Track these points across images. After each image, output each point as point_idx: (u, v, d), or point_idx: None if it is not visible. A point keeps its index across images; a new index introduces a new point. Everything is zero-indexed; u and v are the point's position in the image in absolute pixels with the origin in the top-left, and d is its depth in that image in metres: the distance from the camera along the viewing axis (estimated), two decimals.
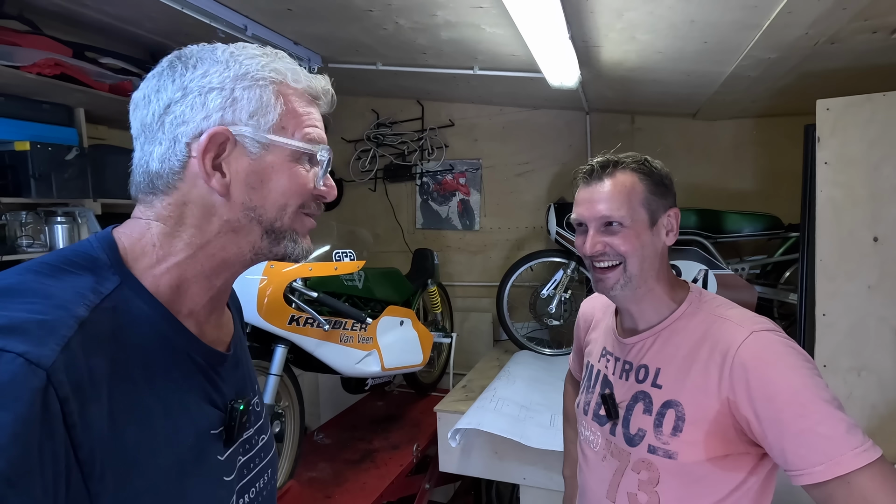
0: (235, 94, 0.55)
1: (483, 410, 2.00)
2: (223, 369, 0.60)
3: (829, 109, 1.61)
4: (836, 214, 1.61)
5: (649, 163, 0.96)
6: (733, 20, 1.44)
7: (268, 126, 0.56)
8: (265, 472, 0.68)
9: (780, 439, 0.76)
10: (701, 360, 0.86)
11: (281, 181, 0.57)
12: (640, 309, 0.98)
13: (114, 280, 0.50)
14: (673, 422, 0.87)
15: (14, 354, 0.39)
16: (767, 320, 0.87)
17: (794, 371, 0.78)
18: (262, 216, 0.57)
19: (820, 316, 1.64)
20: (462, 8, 1.62)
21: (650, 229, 0.93)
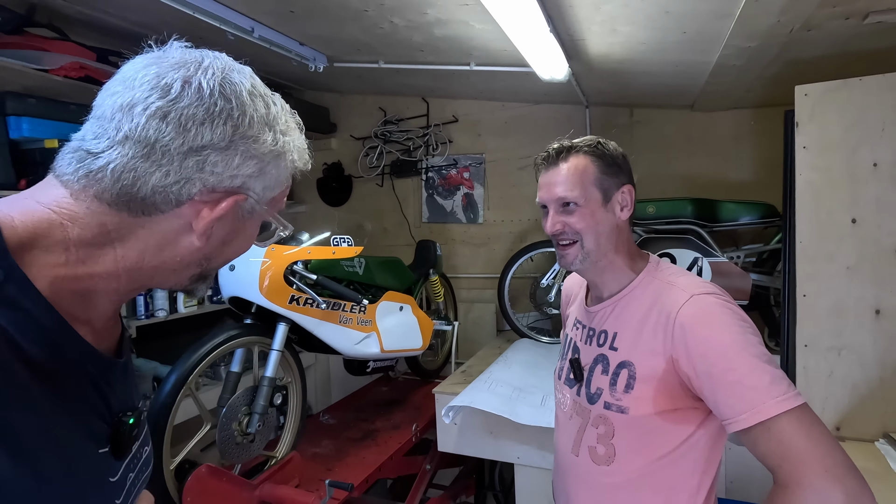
0: (266, 169, 0.54)
1: (476, 390, 2.09)
2: (113, 378, 0.54)
3: (808, 95, 1.66)
4: (816, 197, 1.65)
5: (602, 145, 1.05)
6: (706, 10, 1.50)
7: (270, 198, 0.57)
8: (142, 488, 0.62)
9: (713, 392, 0.84)
10: (650, 324, 0.95)
11: (242, 242, 0.57)
12: (603, 280, 1.06)
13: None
14: (626, 380, 0.96)
15: None
16: (711, 285, 0.95)
17: (727, 329, 0.85)
18: (209, 263, 0.56)
19: (801, 297, 1.68)
20: (450, 5, 1.71)
21: (604, 207, 1.02)
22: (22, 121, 2.06)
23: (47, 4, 2.11)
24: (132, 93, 0.49)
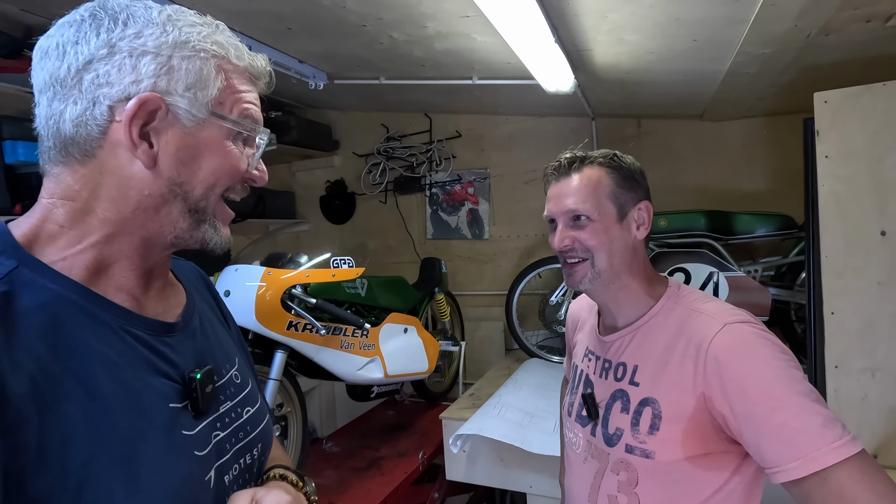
0: (173, 63, 0.51)
1: (485, 416, 1.99)
2: (173, 340, 0.57)
3: (828, 102, 1.58)
4: (841, 209, 1.56)
5: (618, 157, 0.97)
6: (718, 16, 1.43)
7: (206, 100, 0.53)
8: (253, 447, 0.64)
9: (755, 435, 0.74)
10: (676, 356, 0.85)
11: (213, 159, 0.54)
12: (617, 306, 0.97)
13: (7, 265, 0.47)
14: (650, 420, 0.86)
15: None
16: (744, 312, 0.86)
17: (768, 363, 0.76)
18: (188, 193, 0.53)
19: (828, 315, 1.58)
20: (450, 18, 1.66)
21: (619, 223, 0.93)
22: (18, 145, 2.03)
23: (44, 28, 2.08)
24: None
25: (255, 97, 0.59)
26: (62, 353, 0.46)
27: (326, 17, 1.75)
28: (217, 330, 0.68)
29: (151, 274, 0.57)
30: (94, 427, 0.46)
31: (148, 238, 0.54)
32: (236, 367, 0.67)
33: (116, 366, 0.50)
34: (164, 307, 0.59)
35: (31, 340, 0.45)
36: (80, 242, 0.51)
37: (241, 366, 0.69)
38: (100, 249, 0.52)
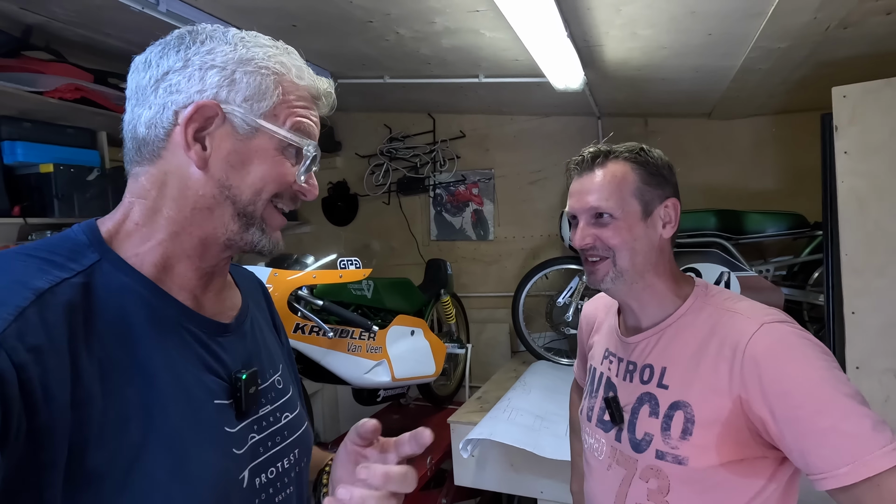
0: (235, 77, 0.56)
1: (495, 420, 1.95)
2: (225, 340, 0.61)
3: (846, 97, 1.55)
4: (861, 206, 1.53)
5: (645, 152, 0.93)
6: (735, 9, 1.40)
7: (260, 112, 0.56)
8: (289, 452, 0.66)
9: (799, 440, 0.70)
10: (709, 357, 0.81)
11: (262, 167, 0.57)
12: (641, 305, 0.93)
13: (91, 257, 0.52)
14: (682, 424, 0.81)
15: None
16: (779, 311, 0.82)
17: (811, 364, 0.72)
18: (236, 196, 0.56)
19: (849, 314, 1.55)
20: (459, 13, 1.63)
21: (643, 221, 0.89)
22: (16, 145, 1.99)
23: (44, 27, 2.05)
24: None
25: (311, 114, 0.61)
26: (128, 342, 0.51)
27: (332, 12, 1.71)
28: (266, 336, 0.71)
29: (212, 276, 0.61)
30: (148, 413, 0.50)
31: (205, 238, 0.57)
32: (279, 373, 0.69)
33: (172, 359, 0.54)
34: (220, 308, 0.63)
35: (103, 328, 0.49)
36: (151, 240, 0.56)
37: (285, 372, 0.72)
38: (165, 247, 0.56)
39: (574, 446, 1.26)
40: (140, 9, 1.63)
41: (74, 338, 0.47)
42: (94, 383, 0.47)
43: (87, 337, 0.48)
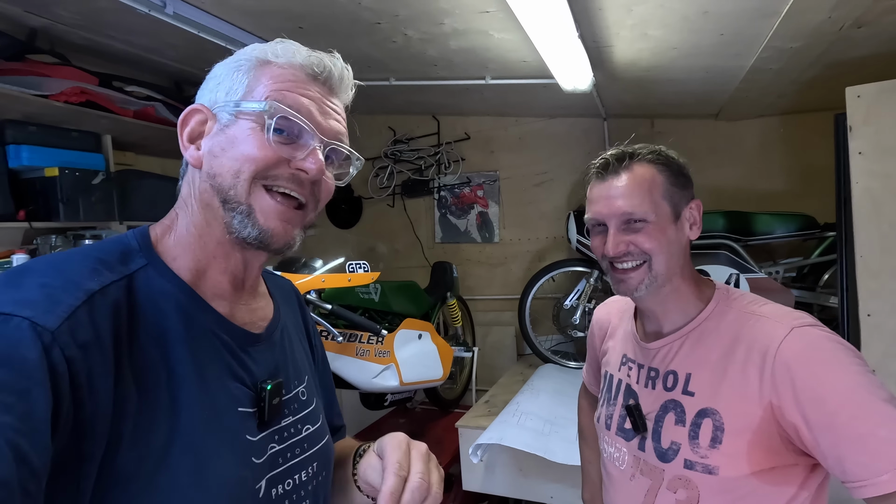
0: (221, 78, 0.58)
1: (505, 425, 1.93)
2: (254, 350, 0.61)
3: (861, 96, 1.53)
4: (876, 207, 1.51)
5: (665, 153, 0.91)
6: (749, 8, 1.38)
7: (235, 97, 0.56)
8: (308, 465, 0.65)
9: (835, 446, 0.68)
10: (737, 363, 0.79)
11: (238, 147, 0.55)
12: (664, 310, 0.90)
13: (139, 262, 0.54)
14: (711, 432, 0.79)
15: (21, 318, 0.43)
16: (806, 314, 0.79)
17: (845, 369, 0.70)
18: (219, 184, 0.55)
19: (864, 317, 1.53)
20: (468, 14, 1.61)
21: (674, 224, 0.87)
22: (21, 149, 1.97)
23: (49, 30, 2.04)
24: None
25: (302, 89, 0.58)
26: (163, 345, 0.52)
27: (340, 14, 1.70)
28: (295, 346, 0.70)
29: (243, 283, 0.62)
30: (175, 416, 0.51)
31: (217, 236, 0.57)
32: (304, 385, 0.69)
33: (202, 365, 0.55)
34: (252, 318, 0.64)
35: (142, 330, 0.51)
36: (185, 246, 0.57)
37: (310, 384, 0.71)
38: (196, 252, 0.57)
39: (584, 454, 1.23)
40: (147, 11, 1.62)
41: (118, 338, 0.49)
42: (131, 383, 0.48)
43: (128, 338, 0.50)
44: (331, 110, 0.59)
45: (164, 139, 2.47)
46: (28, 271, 0.49)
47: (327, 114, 0.59)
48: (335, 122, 0.59)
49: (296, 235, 0.59)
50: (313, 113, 0.57)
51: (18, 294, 0.45)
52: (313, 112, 0.57)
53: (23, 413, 0.40)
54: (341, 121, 0.61)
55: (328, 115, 0.59)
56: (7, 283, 0.47)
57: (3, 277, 0.48)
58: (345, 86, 0.61)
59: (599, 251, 0.89)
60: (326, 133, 0.58)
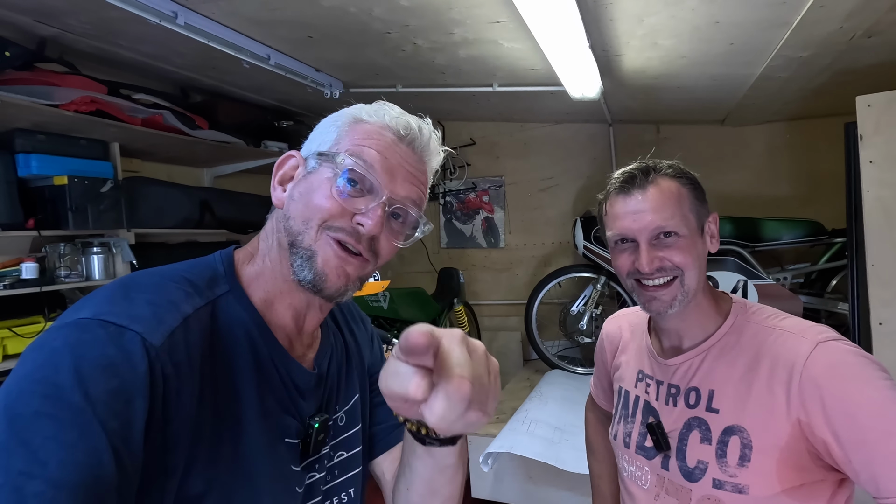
0: (319, 131, 0.61)
1: (515, 433, 1.93)
2: (304, 386, 0.62)
3: (871, 105, 1.53)
4: (887, 215, 1.51)
5: (683, 167, 0.91)
6: (760, 19, 1.39)
7: (324, 147, 0.59)
8: (341, 491, 0.67)
9: (868, 463, 0.68)
10: (762, 379, 0.78)
11: (312, 195, 0.57)
12: (687, 326, 0.88)
13: (223, 288, 0.57)
14: (739, 450, 0.78)
15: (134, 332, 0.46)
16: (828, 329, 0.79)
17: (874, 384, 0.69)
18: (290, 227, 0.57)
19: (876, 325, 1.53)
20: (479, 24, 1.62)
21: (701, 238, 0.87)
22: (31, 158, 1.98)
23: (58, 39, 2.05)
24: None
25: (379, 145, 0.58)
26: (232, 372, 0.54)
27: (350, 24, 1.71)
28: (342, 371, 0.71)
29: (304, 319, 0.63)
30: (239, 444, 0.53)
31: (284, 273, 0.59)
32: (347, 408, 0.70)
33: (263, 396, 0.57)
34: (305, 352, 0.65)
35: (218, 356, 0.54)
36: (261, 276, 0.60)
37: (354, 408, 0.71)
38: (268, 284, 0.60)
39: (594, 468, 1.20)
40: (158, 21, 1.63)
41: (203, 361, 0.51)
42: (208, 406, 0.51)
43: (210, 361, 0.52)
44: (407, 171, 0.59)
45: (171, 146, 2.48)
46: (135, 286, 0.52)
47: (402, 174, 0.58)
48: (408, 184, 0.59)
49: (350, 285, 0.58)
50: (386, 171, 0.57)
51: (131, 309, 0.48)
52: (386, 170, 0.57)
53: (125, 421, 0.43)
54: (417, 184, 0.60)
55: (403, 175, 0.58)
56: (119, 295, 0.50)
57: (114, 289, 0.51)
58: (431, 150, 0.62)
59: (626, 269, 0.87)
60: (396, 192, 0.57)
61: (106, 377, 0.43)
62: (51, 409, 0.41)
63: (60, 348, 0.44)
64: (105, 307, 0.48)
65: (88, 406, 0.42)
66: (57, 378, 0.42)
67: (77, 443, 0.40)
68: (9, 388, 0.43)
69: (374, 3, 1.53)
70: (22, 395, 0.42)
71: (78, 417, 0.41)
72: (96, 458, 0.41)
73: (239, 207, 2.72)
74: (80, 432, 0.41)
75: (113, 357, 0.44)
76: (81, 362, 0.43)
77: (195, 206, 2.56)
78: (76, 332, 0.45)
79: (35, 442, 0.40)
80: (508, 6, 1.34)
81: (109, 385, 0.43)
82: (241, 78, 2.37)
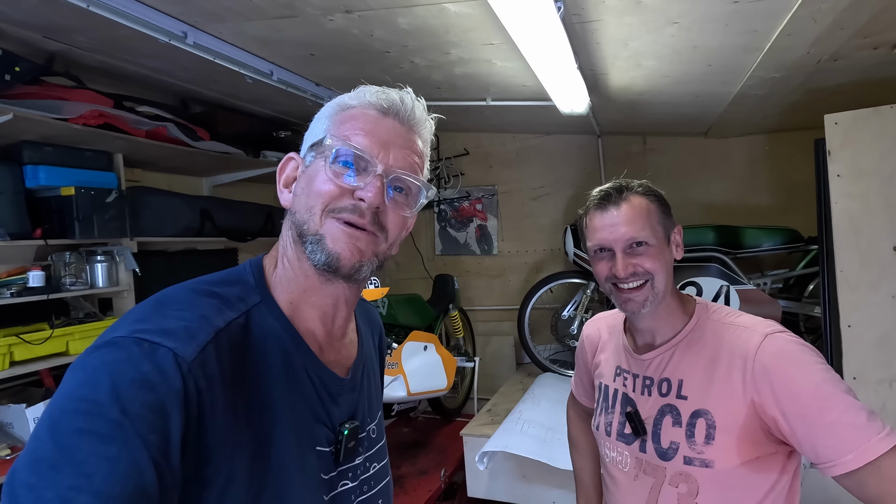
0: (311, 127, 0.63)
1: (509, 433, 2.01)
2: (336, 392, 0.63)
3: (838, 123, 1.65)
4: (854, 226, 1.63)
5: (651, 186, 1.03)
6: (735, 44, 1.50)
7: (314, 140, 0.61)
8: (374, 501, 0.68)
9: (809, 434, 0.79)
10: (722, 367, 0.90)
11: (312, 184, 0.59)
12: (658, 325, 1.01)
13: (255, 299, 0.58)
14: (705, 430, 0.90)
15: (167, 348, 0.48)
16: (774, 322, 0.92)
17: (812, 368, 0.82)
18: (297, 220, 0.59)
19: (845, 328, 1.64)
20: (474, 46, 1.72)
21: (668, 246, 0.98)
22: (39, 169, 2.03)
23: (65, 54, 2.11)
24: None
25: (373, 125, 0.60)
26: (264, 382, 0.55)
27: (352, 44, 1.79)
28: (371, 382, 0.72)
29: (333, 322, 0.64)
30: (270, 454, 0.54)
31: (304, 269, 0.60)
32: (376, 422, 0.71)
33: (294, 404, 0.57)
34: (338, 357, 0.66)
35: (250, 367, 0.54)
36: (284, 279, 0.61)
37: (381, 420, 0.74)
38: (291, 286, 0.60)
39: (576, 462, 1.30)
40: (167, 41, 1.70)
41: (234, 373, 0.52)
42: (242, 416, 0.52)
43: (242, 373, 0.53)
44: (397, 142, 0.60)
45: (173, 156, 2.54)
46: (168, 302, 0.53)
47: (394, 146, 0.59)
48: (402, 154, 0.60)
49: (365, 261, 0.58)
50: (376, 145, 0.58)
51: (164, 325, 0.50)
52: (376, 144, 0.58)
53: (163, 434, 0.45)
54: (410, 153, 0.61)
55: (395, 146, 0.59)
56: (152, 312, 0.52)
57: (148, 306, 0.53)
58: (417, 118, 0.63)
59: (604, 274, 0.99)
60: (389, 163, 0.58)
61: (142, 393, 0.45)
62: (92, 425, 0.43)
63: (98, 367, 0.46)
64: (139, 325, 0.49)
65: (127, 421, 0.43)
66: (96, 395, 0.44)
67: (119, 456, 0.42)
68: (52, 408, 0.45)
69: (375, 25, 1.62)
70: (64, 413, 0.44)
71: (118, 432, 0.43)
72: (137, 470, 0.42)
73: (238, 216, 2.78)
74: (121, 446, 0.42)
75: (147, 373, 0.46)
76: (118, 379, 0.45)
77: (196, 215, 2.62)
78: (112, 351, 0.47)
79: (79, 457, 0.41)
80: (502, 30, 1.43)
81: (146, 400, 0.45)
82: (242, 90, 2.44)
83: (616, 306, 1.02)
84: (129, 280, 2.26)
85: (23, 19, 1.71)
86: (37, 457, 0.42)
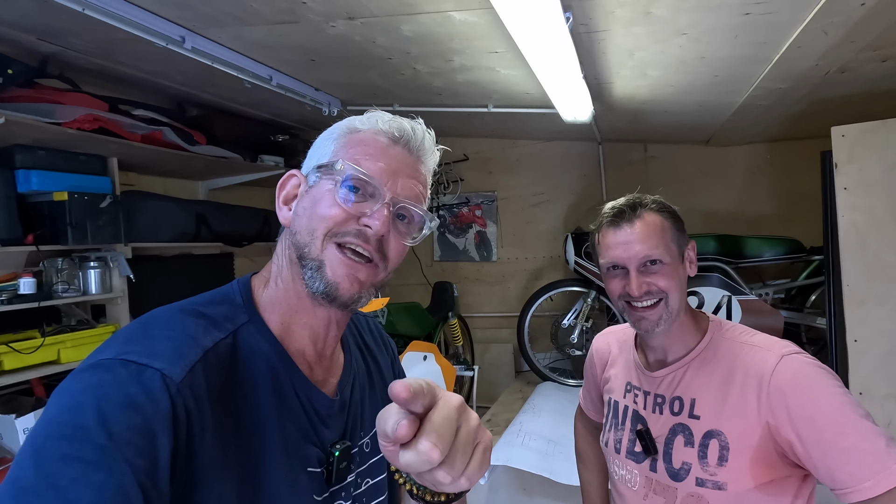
0: (316, 147, 0.63)
1: (510, 446, 1.98)
2: (326, 413, 0.61)
3: (845, 136, 1.63)
4: (860, 239, 1.61)
5: (664, 202, 1.00)
6: (743, 55, 1.48)
7: (323, 161, 0.60)
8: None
9: (825, 459, 0.77)
10: (736, 388, 0.87)
11: (317, 206, 0.58)
12: (672, 342, 0.98)
13: (242, 318, 0.57)
14: (718, 451, 0.87)
15: (155, 370, 0.47)
16: (791, 343, 0.89)
17: (829, 391, 0.79)
18: (297, 242, 0.58)
19: (851, 342, 1.62)
20: (478, 53, 1.69)
21: (682, 264, 0.96)
22: (31, 174, 1.98)
23: (59, 56, 2.07)
24: None
25: (383, 151, 0.59)
26: (252, 402, 0.54)
27: (353, 50, 1.76)
28: (364, 396, 0.70)
29: (324, 342, 0.62)
30: (260, 476, 0.53)
31: (298, 291, 0.59)
32: (369, 436, 0.69)
33: (283, 425, 0.56)
34: (326, 375, 0.64)
35: (237, 387, 0.53)
36: (276, 300, 0.60)
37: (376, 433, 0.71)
38: (283, 306, 0.59)
39: (583, 476, 1.28)
40: (165, 45, 1.67)
41: (223, 394, 0.51)
42: (231, 438, 0.51)
43: (229, 394, 0.52)
44: (406, 171, 0.60)
45: (168, 161, 2.50)
46: (155, 323, 0.53)
47: (402, 175, 0.59)
48: (409, 183, 0.60)
49: (364, 291, 0.58)
50: (385, 173, 0.58)
51: (151, 346, 0.49)
52: (385, 172, 0.58)
53: (150, 458, 0.43)
54: (417, 182, 0.61)
55: (402, 176, 0.59)
56: (139, 333, 0.51)
57: (135, 327, 0.52)
58: (426, 149, 0.63)
59: (617, 292, 0.96)
60: (397, 192, 0.58)
61: (129, 415, 0.44)
62: (77, 450, 0.41)
63: (83, 390, 0.45)
64: (125, 346, 0.48)
65: (113, 445, 0.42)
66: (81, 420, 0.43)
67: (105, 483, 0.41)
68: (35, 433, 0.43)
69: (378, 32, 1.59)
70: (48, 438, 0.42)
71: (104, 458, 0.42)
72: (124, 496, 0.41)
73: (234, 220, 2.74)
74: (107, 472, 0.41)
75: (134, 395, 0.45)
76: (104, 402, 0.44)
77: (191, 220, 2.58)
78: (98, 374, 0.46)
79: (62, 484, 0.40)
80: (507, 39, 1.41)
81: (132, 423, 0.43)
82: (240, 94, 2.41)
83: (629, 323, 1.00)
84: (123, 286, 2.21)
85: (16, 21, 1.67)
86: (19, 486, 0.41)
